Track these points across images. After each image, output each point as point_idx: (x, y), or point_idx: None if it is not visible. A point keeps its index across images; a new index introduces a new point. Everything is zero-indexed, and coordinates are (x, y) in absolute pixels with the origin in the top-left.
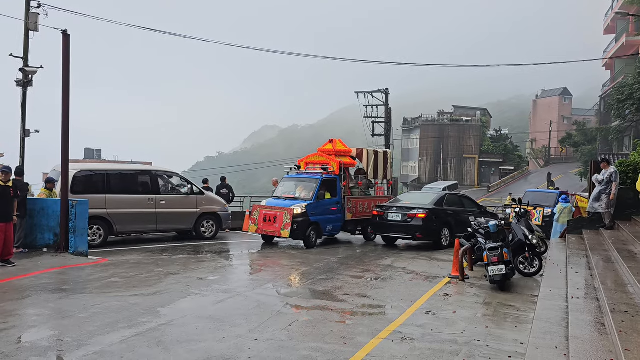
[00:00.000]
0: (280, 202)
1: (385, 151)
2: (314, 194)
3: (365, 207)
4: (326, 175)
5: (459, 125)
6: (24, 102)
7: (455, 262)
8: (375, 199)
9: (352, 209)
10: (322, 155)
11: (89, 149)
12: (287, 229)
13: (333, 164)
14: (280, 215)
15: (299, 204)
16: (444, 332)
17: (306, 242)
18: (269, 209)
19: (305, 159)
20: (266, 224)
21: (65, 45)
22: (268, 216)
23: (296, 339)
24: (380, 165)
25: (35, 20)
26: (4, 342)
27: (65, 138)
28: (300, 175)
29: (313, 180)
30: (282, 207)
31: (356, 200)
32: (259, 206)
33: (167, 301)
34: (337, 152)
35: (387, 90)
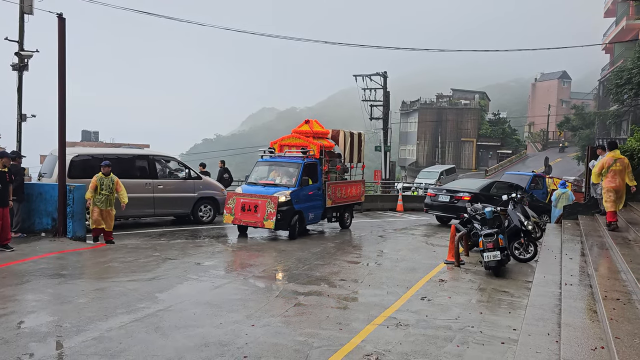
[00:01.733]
0: (259, 189)
1: (360, 133)
2: (297, 180)
3: (343, 192)
4: (308, 160)
5: (457, 108)
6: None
7: (451, 247)
8: (352, 184)
9: (332, 195)
10: (298, 137)
11: (86, 131)
12: (271, 219)
13: (313, 146)
14: (263, 204)
15: (282, 191)
16: (438, 318)
17: (291, 233)
18: (249, 197)
19: (280, 140)
20: (245, 214)
21: (61, 28)
22: (247, 205)
23: (292, 324)
24: (355, 148)
25: (30, 3)
26: (3, 327)
27: (62, 122)
28: (278, 159)
29: (294, 165)
30: (264, 195)
31: (335, 185)
32: (235, 194)
33: (165, 286)
34: (315, 134)
35: (385, 73)
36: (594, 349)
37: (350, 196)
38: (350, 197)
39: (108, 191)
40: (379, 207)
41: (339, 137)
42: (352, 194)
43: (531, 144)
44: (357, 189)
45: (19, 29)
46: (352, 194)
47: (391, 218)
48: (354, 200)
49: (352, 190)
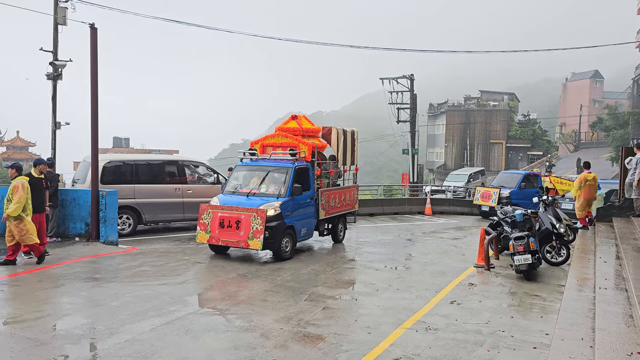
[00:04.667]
0: (241, 200)
1: (353, 131)
2: (287, 189)
3: (337, 201)
4: (299, 163)
5: (485, 110)
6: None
7: (481, 251)
8: (346, 190)
9: (326, 205)
10: (285, 136)
11: (118, 137)
12: (257, 238)
13: (303, 147)
14: (247, 218)
15: (270, 202)
16: (468, 322)
17: (277, 253)
18: (229, 211)
19: (262, 140)
20: (225, 232)
21: (93, 38)
22: (227, 220)
23: (321, 327)
24: (349, 148)
25: (64, 14)
26: (40, 329)
27: (95, 129)
28: (262, 162)
29: (283, 170)
30: (248, 208)
31: (329, 193)
32: (210, 206)
33: (195, 290)
34: (305, 131)
35: (412, 76)
36: (630, 354)
37: (344, 205)
38: (344, 205)
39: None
40: (406, 210)
41: (331, 135)
42: (345, 202)
43: (563, 145)
44: (350, 195)
45: (53, 39)
46: (346, 202)
47: (419, 221)
48: (348, 208)
49: (346, 198)
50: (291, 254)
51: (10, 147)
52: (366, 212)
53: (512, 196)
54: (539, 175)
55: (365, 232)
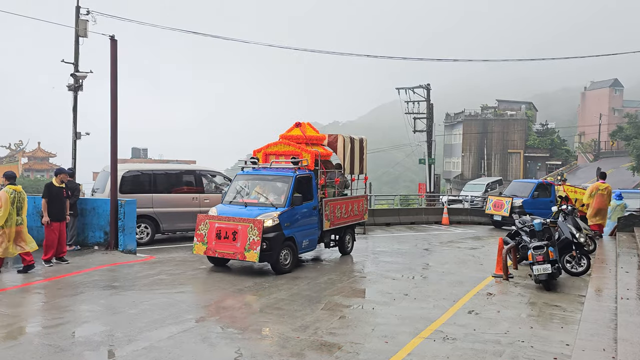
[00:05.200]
0: (239, 210)
1: (362, 138)
2: (286, 198)
3: (343, 211)
4: (300, 172)
5: (503, 119)
6: (75, 105)
7: (499, 260)
8: (354, 200)
9: (331, 216)
10: (288, 144)
11: (136, 148)
12: (254, 250)
13: (306, 155)
14: (244, 229)
15: (268, 212)
16: (487, 332)
17: (275, 266)
18: (225, 221)
19: (265, 148)
20: (221, 243)
21: (113, 50)
22: (224, 231)
23: (338, 336)
24: (357, 156)
25: (85, 27)
26: (59, 336)
27: (114, 140)
28: (263, 171)
29: (283, 179)
30: (245, 218)
31: (334, 203)
32: (207, 216)
33: (212, 298)
34: (309, 139)
35: (428, 85)
36: None
37: (351, 215)
38: (352, 216)
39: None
40: (423, 220)
41: (337, 143)
42: (353, 213)
43: (582, 154)
44: (359, 205)
45: (74, 51)
46: (354, 213)
47: (436, 231)
48: (356, 219)
49: (353, 208)
50: (292, 266)
51: (32, 158)
52: (383, 222)
53: (525, 205)
54: (552, 184)
55: (382, 241)
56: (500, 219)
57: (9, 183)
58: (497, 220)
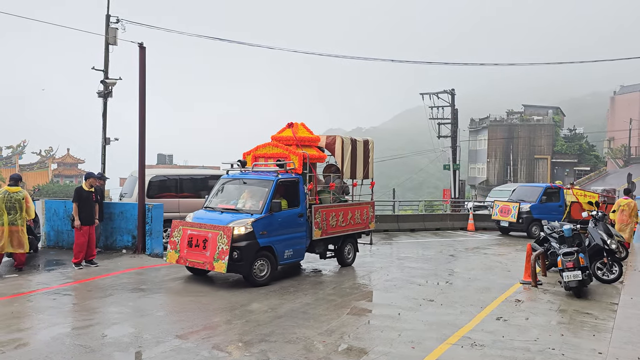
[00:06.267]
0: (213, 216)
1: (366, 140)
2: (264, 204)
3: (340, 219)
4: (283, 175)
5: (529, 124)
6: (104, 112)
7: (527, 267)
8: (355, 207)
9: (322, 224)
10: (277, 146)
11: (162, 154)
12: (222, 260)
13: (293, 157)
14: (214, 237)
15: (241, 219)
16: (515, 339)
17: (248, 278)
18: (197, 228)
19: (254, 150)
20: (192, 251)
21: (142, 57)
22: (195, 239)
23: (364, 342)
24: (360, 159)
25: (115, 34)
26: (90, 337)
27: (142, 145)
28: (244, 175)
29: (263, 183)
30: (216, 225)
31: (327, 210)
32: (181, 223)
33: (239, 301)
34: (300, 140)
35: (453, 90)
36: None
37: (351, 224)
38: (353, 224)
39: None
40: (448, 226)
41: (335, 145)
42: (354, 221)
43: (612, 160)
44: (362, 213)
45: (104, 58)
46: (355, 221)
47: (462, 237)
48: (358, 228)
49: (354, 216)
50: (269, 279)
51: (61, 164)
52: (407, 228)
53: (533, 211)
54: (561, 188)
55: (407, 247)
56: (507, 225)
57: (8, 184)
58: (504, 227)
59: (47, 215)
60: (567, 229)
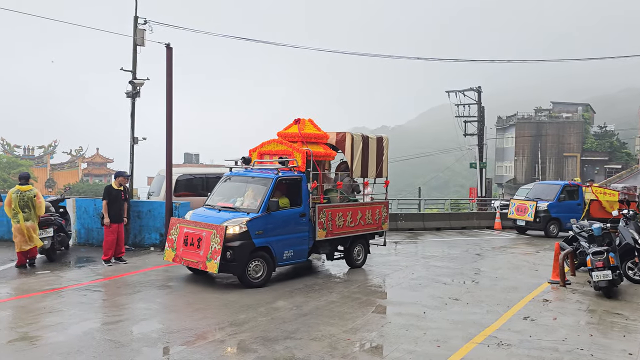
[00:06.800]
0: (211, 215)
1: (380, 137)
2: (262, 203)
3: (349, 219)
4: (284, 173)
5: (558, 122)
6: (132, 112)
7: (556, 266)
8: (365, 207)
9: (327, 224)
10: (281, 143)
11: (188, 153)
12: (214, 259)
13: (297, 154)
14: (207, 236)
15: (237, 218)
16: (543, 339)
17: (242, 279)
18: (193, 227)
19: (259, 147)
20: (187, 250)
21: (169, 57)
22: (190, 237)
23: (389, 340)
24: (372, 157)
25: (142, 35)
26: (119, 332)
27: (169, 145)
28: (245, 173)
29: (262, 181)
30: (210, 224)
31: (334, 209)
32: (179, 220)
33: (265, 299)
34: (306, 137)
35: (479, 88)
36: None
37: (361, 224)
38: (363, 225)
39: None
40: (475, 225)
41: (345, 142)
42: (365, 221)
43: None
44: (373, 213)
45: (132, 59)
46: (366, 221)
47: (488, 236)
48: (369, 229)
49: (365, 216)
50: (265, 280)
51: (91, 163)
52: (433, 227)
53: (551, 209)
54: (579, 185)
55: (432, 246)
56: (524, 224)
57: (19, 183)
58: (520, 226)
59: (78, 213)
60: (597, 228)
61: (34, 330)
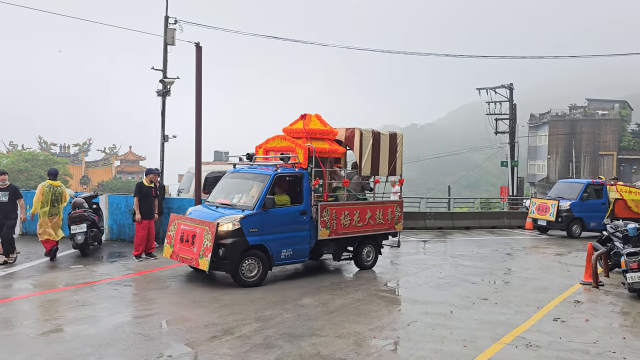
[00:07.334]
0: (207, 211)
1: (394, 134)
2: (257, 200)
3: (356, 219)
4: (284, 170)
5: (593, 119)
6: (163, 110)
7: (588, 267)
8: (376, 206)
9: (331, 223)
10: (285, 139)
11: (218, 151)
12: (206, 257)
13: (299, 150)
14: (201, 233)
15: (231, 215)
16: (574, 341)
17: (235, 278)
18: (189, 223)
19: (265, 143)
20: (183, 246)
21: (198, 56)
22: (186, 234)
23: (415, 339)
24: (384, 154)
25: (173, 35)
26: (148, 326)
27: (199, 142)
28: (246, 169)
29: (260, 178)
30: (204, 221)
31: (339, 208)
32: (177, 217)
33: (291, 296)
34: (310, 133)
35: (511, 85)
36: None
37: (370, 224)
38: (373, 225)
39: None
40: (505, 224)
41: (354, 138)
42: (375, 221)
43: None
44: (385, 213)
45: (163, 59)
46: (376, 221)
47: (519, 236)
48: (380, 229)
49: (375, 216)
50: (260, 279)
51: (124, 161)
52: (462, 226)
53: (573, 209)
54: (603, 184)
55: (461, 245)
56: (545, 224)
57: (49, 178)
58: (541, 226)
59: (110, 209)
60: (632, 228)
61: (67, 323)
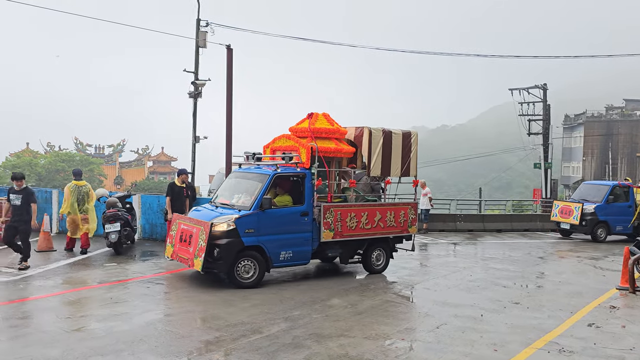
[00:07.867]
0: (206, 212)
1: (407, 133)
2: (254, 200)
3: (364, 221)
4: (284, 170)
5: (631, 120)
6: (194, 111)
7: (625, 272)
8: (385, 208)
9: (336, 224)
10: (290, 138)
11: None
12: (200, 257)
13: (302, 150)
14: (197, 233)
15: (226, 215)
16: (608, 347)
17: (231, 278)
18: (188, 223)
19: (272, 143)
20: (182, 246)
21: (229, 58)
22: (185, 234)
23: (444, 342)
24: (397, 154)
25: (204, 37)
26: (179, 323)
27: (229, 143)
28: (249, 169)
29: (259, 177)
30: (200, 221)
31: (344, 209)
32: (178, 217)
33: (319, 297)
34: (315, 132)
35: (545, 85)
36: None
37: (381, 227)
38: (383, 227)
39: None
40: (538, 227)
41: (363, 138)
42: (385, 223)
43: None
44: (397, 215)
45: (194, 61)
46: (387, 224)
47: (552, 239)
48: (391, 232)
49: (385, 218)
50: (256, 281)
51: (156, 161)
52: (493, 228)
53: (598, 212)
54: (630, 186)
55: (492, 247)
56: (568, 228)
57: (74, 179)
58: (564, 229)
59: (143, 209)
60: None
61: (101, 319)
